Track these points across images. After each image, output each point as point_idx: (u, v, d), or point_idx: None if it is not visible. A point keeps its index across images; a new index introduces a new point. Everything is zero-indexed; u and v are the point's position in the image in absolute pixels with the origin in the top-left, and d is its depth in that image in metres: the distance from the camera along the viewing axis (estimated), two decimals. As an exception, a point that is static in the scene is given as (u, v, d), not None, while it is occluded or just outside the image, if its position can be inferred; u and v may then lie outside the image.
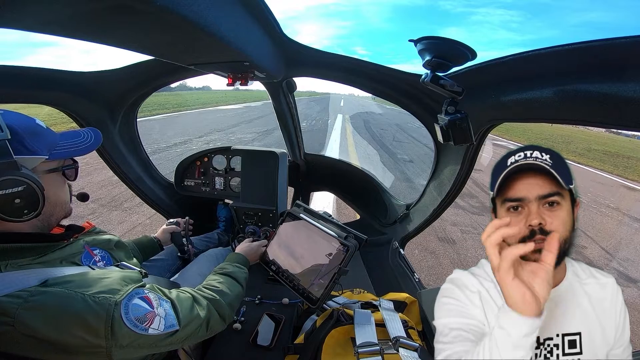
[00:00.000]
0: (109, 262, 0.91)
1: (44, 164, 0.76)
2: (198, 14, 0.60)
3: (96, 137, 0.89)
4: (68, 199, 0.87)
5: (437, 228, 4.28)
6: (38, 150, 0.73)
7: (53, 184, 0.79)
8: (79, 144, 0.84)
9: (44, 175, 0.76)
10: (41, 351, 0.63)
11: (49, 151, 0.76)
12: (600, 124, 0.81)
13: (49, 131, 0.79)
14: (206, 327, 0.86)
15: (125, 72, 1.42)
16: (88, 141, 0.86)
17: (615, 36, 0.59)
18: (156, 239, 1.41)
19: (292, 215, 1.39)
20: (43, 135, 0.76)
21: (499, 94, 0.95)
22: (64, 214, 0.86)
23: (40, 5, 0.50)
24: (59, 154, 0.79)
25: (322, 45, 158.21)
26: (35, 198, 0.70)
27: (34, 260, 0.73)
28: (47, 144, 0.76)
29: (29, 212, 0.70)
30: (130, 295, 0.72)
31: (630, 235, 5.23)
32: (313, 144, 9.33)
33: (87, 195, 0.98)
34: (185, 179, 2.13)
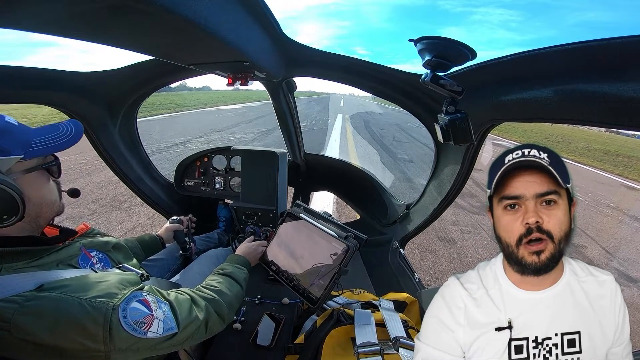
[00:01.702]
0: (106, 264, 0.90)
1: (20, 164, 0.71)
2: (198, 14, 0.60)
3: (76, 130, 0.82)
4: (55, 197, 0.82)
5: (437, 228, 4.28)
6: (10, 150, 0.68)
7: (34, 183, 0.75)
8: (57, 138, 0.78)
9: (22, 176, 0.72)
10: (38, 356, 0.63)
11: (24, 150, 0.71)
12: (600, 124, 0.81)
13: (22, 128, 0.74)
14: (205, 328, 0.86)
15: (125, 72, 1.42)
16: (67, 135, 0.80)
17: (615, 36, 0.59)
18: (159, 236, 1.41)
19: (292, 215, 1.39)
20: (14, 133, 0.71)
21: (499, 94, 0.95)
22: (54, 213, 0.82)
23: (40, 5, 0.50)
24: (36, 152, 0.73)
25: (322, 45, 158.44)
26: (13, 202, 0.66)
27: (29, 263, 0.71)
28: (21, 142, 0.71)
29: (9, 216, 0.66)
30: (129, 298, 0.71)
31: (630, 235, 5.24)
32: (313, 144, 9.33)
33: (78, 191, 0.95)
34: (185, 179, 2.13)
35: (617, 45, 0.60)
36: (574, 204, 0.67)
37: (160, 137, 9.69)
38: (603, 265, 4.05)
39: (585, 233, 4.85)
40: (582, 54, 0.68)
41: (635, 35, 0.57)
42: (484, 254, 3.83)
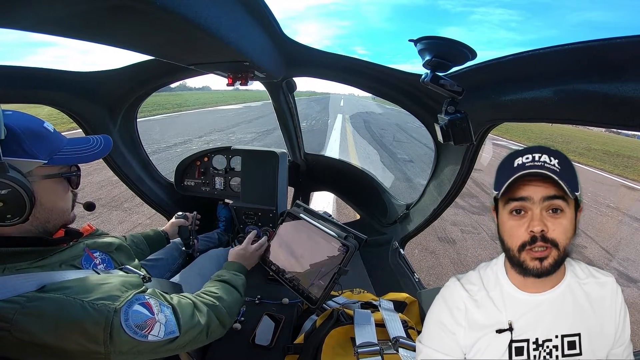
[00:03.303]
0: (109, 265, 0.90)
1: (41, 169, 0.72)
2: (198, 14, 0.60)
3: (105, 145, 0.85)
4: (68, 207, 0.83)
5: (437, 228, 4.28)
6: (36, 154, 0.70)
7: (51, 190, 0.75)
8: (85, 150, 0.80)
9: (40, 181, 0.72)
10: (39, 356, 0.63)
11: (50, 156, 0.73)
12: (600, 124, 0.81)
13: (55, 135, 0.76)
14: (206, 333, 0.86)
15: (125, 72, 1.42)
16: (95, 148, 0.82)
17: (615, 36, 0.59)
18: (164, 232, 1.42)
19: (292, 215, 1.39)
20: (46, 139, 0.73)
21: (499, 94, 0.95)
22: (63, 222, 0.82)
23: (40, 5, 0.50)
24: (60, 160, 0.75)
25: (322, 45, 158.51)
26: (21, 203, 0.66)
27: (32, 264, 0.71)
28: (49, 148, 0.73)
29: (12, 217, 0.66)
30: (131, 301, 0.71)
31: (630, 235, 5.24)
32: (313, 144, 9.32)
33: (94, 205, 0.96)
34: (185, 179, 2.13)
35: (617, 45, 0.60)
36: (580, 209, 0.67)
37: (160, 137, 9.68)
38: (603, 265, 4.04)
39: (585, 233, 4.85)
40: (582, 54, 0.67)
41: (635, 35, 0.57)
42: (483, 254, 3.83)
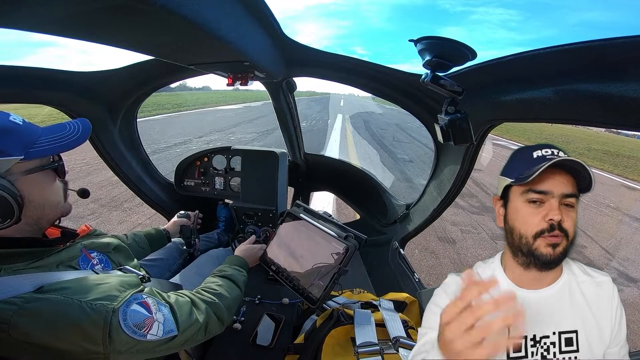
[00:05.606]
0: (107, 265, 0.89)
1: (20, 165, 0.68)
2: (198, 14, 0.60)
3: (84, 129, 0.78)
4: (60, 198, 0.80)
5: (437, 228, 4.28)
6: (10, 151, 0.66)
7: (36, 185, 0.72)
8: (62, 138, 0.75)
9: (22, 177, 0.69)
10: (37, 357, 0.63)
11: (25, 150, 0.68)
12: (600, 124, 0.81)
13: (27, 126, 0.71)
14: (204, 331, 0.86)
15: (125, 72, 1.42)
16: (73, 134, 0.76)
17: (615, 36, 0.59)
18: (165, 231, 1.42)
19: (292, 215, 1.39)
20: (17, 133, 0.68)
21: (499, 94, 0.95)
22: (58, 215, 0.80)
23: (40, 5, 0.50)
24: (38, 152, 0.70)
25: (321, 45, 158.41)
26: (7, 205, 0.64)
27: (29, 264, 0.71)
28: (23, 142, 0.68)
29: (3, 220, 0.65)
30: (129, 301, 0.71)
31: (630, 235, 5.23)
32: (313, 144, 9.33)
33: (88, 192, 0.93)
34: (185, 179, 2.13)
35: (617, 45, 0.60)
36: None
37: (160, 137, 9.69)
38: (603, 265, 4.05)
39: (585, 233, 4.85)
40: (582, 54, 0.68)
41: (635, 35, 0.57)
42: (483, 254, 3.83)
